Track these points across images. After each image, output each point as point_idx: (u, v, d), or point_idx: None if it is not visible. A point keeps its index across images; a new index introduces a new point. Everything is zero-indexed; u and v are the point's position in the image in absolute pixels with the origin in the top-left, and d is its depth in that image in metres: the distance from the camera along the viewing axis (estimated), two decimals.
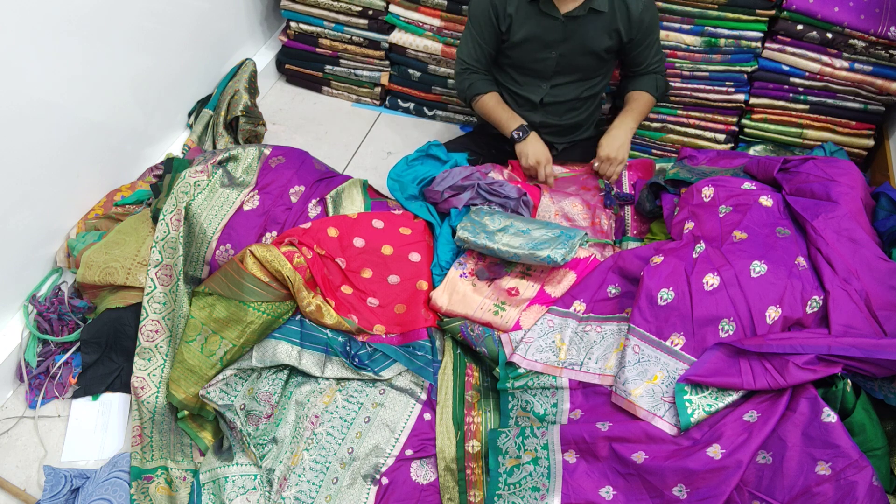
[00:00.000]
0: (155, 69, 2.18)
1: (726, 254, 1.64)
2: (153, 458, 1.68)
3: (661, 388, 1.53)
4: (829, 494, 1.31)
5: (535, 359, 1.69)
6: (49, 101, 1.79)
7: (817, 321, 1.55)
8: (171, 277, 1.80)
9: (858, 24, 2.06)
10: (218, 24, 2.45)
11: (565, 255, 1.75)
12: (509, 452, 1.59)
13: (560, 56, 2.03)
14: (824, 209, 1.66)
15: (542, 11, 1.95)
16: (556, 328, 1.73)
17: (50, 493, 1.61)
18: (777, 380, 1.43)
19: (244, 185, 1.92)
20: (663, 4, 2.18)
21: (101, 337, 1.84)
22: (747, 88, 2.30)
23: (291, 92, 2.83)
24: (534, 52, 2.04)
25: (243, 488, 1.60)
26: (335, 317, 1.78)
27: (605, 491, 1.48)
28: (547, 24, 1.97)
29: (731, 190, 1.79)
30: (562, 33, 1.98)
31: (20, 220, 1.81)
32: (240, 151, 1.98)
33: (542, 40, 2.00)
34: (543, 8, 1.95)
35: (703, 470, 1.39)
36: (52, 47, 1.75)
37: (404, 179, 2.08)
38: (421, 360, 1.78)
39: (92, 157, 2.01)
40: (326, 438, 1.68)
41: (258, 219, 1.87)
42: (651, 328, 1.60)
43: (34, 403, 1.82)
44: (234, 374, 1.72)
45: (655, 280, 1.63)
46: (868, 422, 1.40)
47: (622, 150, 2.07)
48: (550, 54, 2.03)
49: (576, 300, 1.78)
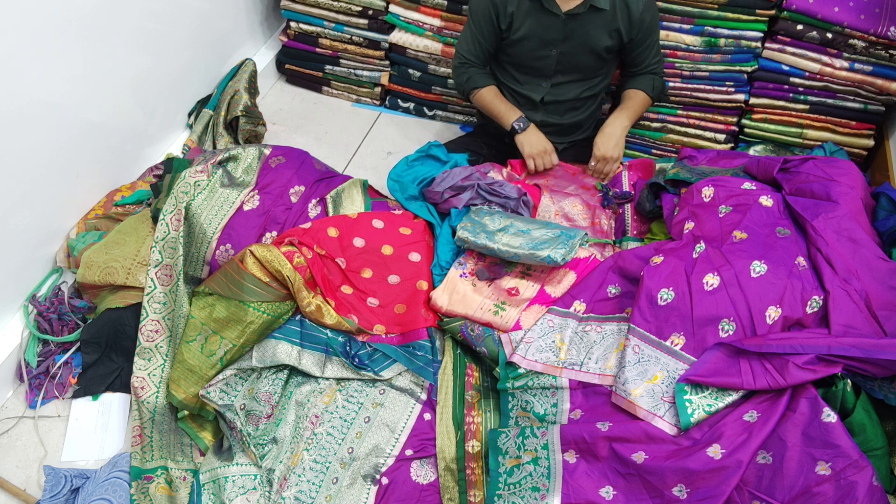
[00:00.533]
0: (155, 69, 2.18)
1: (726, 254, 1.64)
2: (153, 458, 1.68)
3: (661, 388, 1.53)
4: (829, 494, 1.31)
5: (535, 359, 1.69)
6: (49, 101, 1.79)
7: (817, 321, 1.55)
8: (171, 277, 1.80)
9: (858, 24, 2.06)
10: (218, 24, 2.45)
11: (565, 255, 1.75)
12: (509, 452, 1.59)
13: (560, 54, 2.03)
14: (824, 209, 1.66)
15: (544, 8, 1.95)
16: (556, 328, 1.73)
17: (50, 493, 1.61)
18: (777, 380, 1.43)
19: (244, 185, 1.92)
20: (663, 4, 2.18)
21: (101, 337, 1.84)
22: (747, 88, 2.30)
23: (291, 92, 2.83)
24: (534, 50, 2.04)
25: (243, 488, 1.60)
26: (335, 317, 1.78)
27: (605, 491, 1.48)
28: (548, 21, 1.97)
29: (731, 190, 1.79)
30: (562, 31, 1.98)
31: (20, 220, 1.81)
32: (240, 151, 1.99)
33: (542, 38, 2.00)
34: (546, 4, 1.95)
35: (703, 470, 1.39)
36: (52, 47, 1.75)
37: (404, 180, 2.08)
38: (421, 360, 1.78)
39: (92, 157, 2.01)
40: (326, 438, 1.68)
41: (258, 219, 1.87)
42: (651, 328, 1.60)
43: (34, 403, 1.82)
44: (234, 374, 1.72)
45: (655, 280, 1.63)
46: (868, 422, 1.40)
47: (617, 149, 2.08)
48: (551, 52, 2.03)
49: (576, 300, 1.78)
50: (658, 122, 2.43)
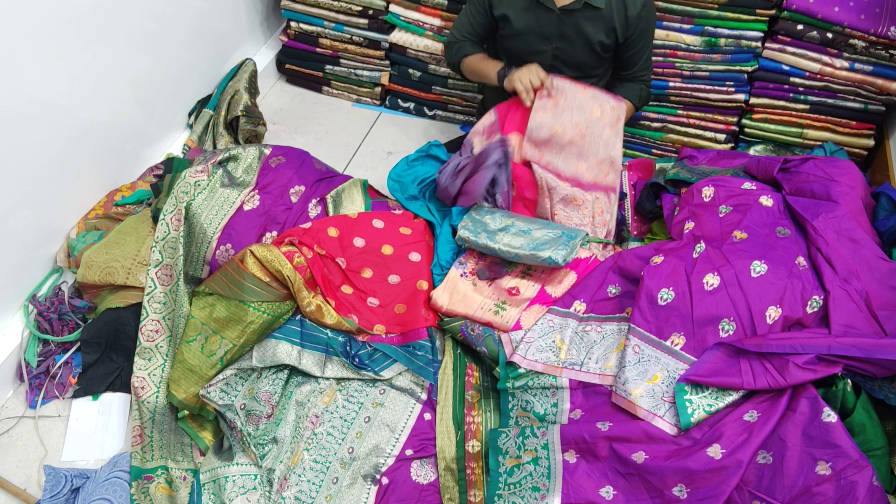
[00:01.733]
0: (155, 69, 2.18)
1: (726, 254, 1.64)
2: (153, 457, 1.68)
3: (661, 388, 1.53)
4: (830, 494, 1.31)
5: (535, 359, 1.69)
6: (49, 101, 1.79)
7: (817, 321, 1.55)
8: (171, 277, 1.80)
9: (858, 23, 2.06)
10: (218, 24, 2.45)
11: (566, 256, 1.75)
12: (509, 452, 1.59)
13: (556, 49, 2.02)
14: (824, 209, 1.66)
15: (539, 3, 1.95)
16: (557, 328, 1.74)
17: (50, 493, 1.61)
18: (777, 380, 1.43)
19: (244, 184, 1.92)
20: (663, 4, 2.18)
21: (102, 337, 1.84)
22: (747, 88, 2.30)
23: (291, 92, 2.83)
24: (531, 45, 2.03)
25: (243, 488, 1.60)
26: (335, 317, 1.78)
27: (605, 491, 1.48)
28: (543, 16, 1.97)
29: (731, 190, 1.79)
30: (557, 27, 1.97)
31: (20, 220, 1.81)
32: (240, 151, 1.99)
33: (538, 33, 2.00)
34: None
35: (704, 470, 1.39)
36: (52, 47, 1.75)
37: (404, 180, 2.08)
38: (421, 360, 1.78)
39: (92, 157, 2.01)
40: (327, 438, 1.68)
41: (258, 219, 1.87)
42: (651, 328, 1.60)
43: (34, 403, 1.82)
44: (234, 373, 1.72)
45: (656, 280, 1.63)
46: (868, 422, 1.40)
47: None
48: (547, 47, 2.02)
49: (576, 300, 1.78)
50: (658, 122, 2.43)
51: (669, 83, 2.31)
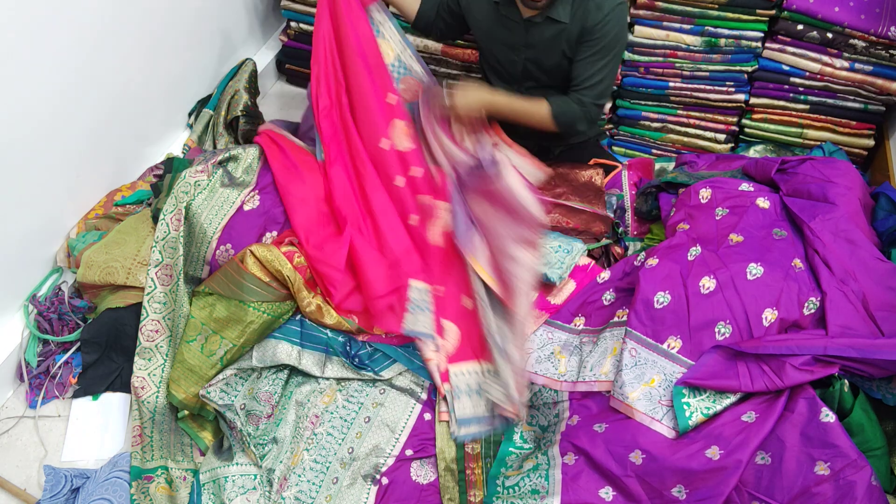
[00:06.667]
0: (155, 69, 2.18)
1: (722, 256, 1.63)
2: (153, 457, 1.68)
3: (658, 392, 1.53)
4: (828, 494, 1.31)
5: (535, 370, 1.70)
6: (49, 100, 1.79)
7: (815, 322, 1.55)
8: (171, 277, 1.81)
9: (859, 23, 2.06)
10: (218, 24, 2.45)
11: (562, 275, 1.80)
12: (513, 467, 1.60)
13: (527, 60, 1.98)
14: (821, 210, 1.66)
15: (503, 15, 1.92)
16: (555, 341, 1.75)
17: (50, 493, 1.61)
18: (774, 381, 1.43)
19: (244, 184, 1.92)
20: (663, 4, 2.18)
21: (102, 337, 1.85)
22: (747, 88, 2.29)
23: (292, 92, 2.82)
24: (502, 53, 2.00)
25: (243, 488, 1.60)
26: (335, 317, 1.78)
27: (604, 492, 1.48)
28: (510, 25, 1.94)
29: (728, 192, 1.79)
30: (524, 37, 1.93)
31: (20, 220, 1.81)
32: (240, 151, 1.99)
33: (507, 42, 1.97)
34: (503, 11, 1.92)
35: (702, 470, 1.39)
36: (52, 47, 1.75)
37: None
38: (421, 360, 1.78)
39: (92, 157, 2.01)
40: (326, 438, 1.68)
41: (258, 219, 1.87)
42: (647, 331, 1.60)
43: (34, 403, 1.82)
44: (234, 373, 1.72)
45: (652, 283, 1.63)
46: (867, 422, 1.40)
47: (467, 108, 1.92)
48: (517, 57, 1.99)
49: (575, 317, 1.79)
50: (658, 122, 2.43)
51: (669, 83, 2.31)
